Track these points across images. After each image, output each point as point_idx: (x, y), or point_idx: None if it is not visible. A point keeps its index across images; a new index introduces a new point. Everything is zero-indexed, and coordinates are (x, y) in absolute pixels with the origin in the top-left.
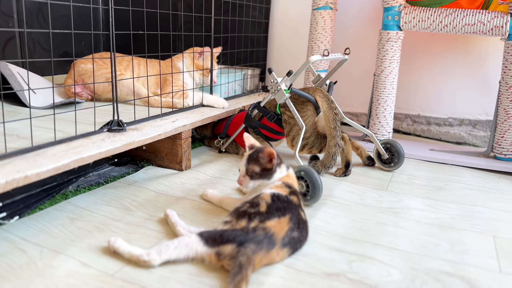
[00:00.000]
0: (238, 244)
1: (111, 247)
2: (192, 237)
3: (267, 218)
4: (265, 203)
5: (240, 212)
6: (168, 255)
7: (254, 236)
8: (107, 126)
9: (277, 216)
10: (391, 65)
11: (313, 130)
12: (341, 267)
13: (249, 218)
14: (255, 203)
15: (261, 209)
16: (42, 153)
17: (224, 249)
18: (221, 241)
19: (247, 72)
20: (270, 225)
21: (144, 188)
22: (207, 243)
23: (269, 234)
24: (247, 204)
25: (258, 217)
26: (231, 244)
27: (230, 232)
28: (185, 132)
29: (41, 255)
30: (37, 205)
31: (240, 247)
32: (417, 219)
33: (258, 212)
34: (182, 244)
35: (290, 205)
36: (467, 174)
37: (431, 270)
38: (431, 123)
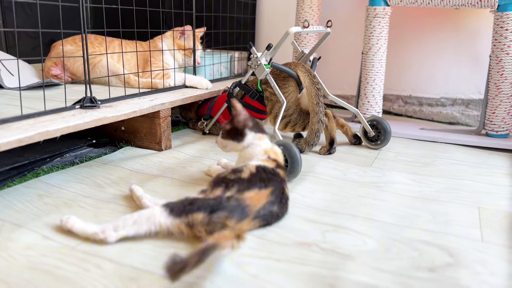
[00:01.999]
0: (210, 212)
1: (64, 226)
2: (155, 209)
3: (246, 188)
4: (249, 171)
5: (218, 179)
6: (126, 231)
7: (226, 205)
8: (79, 103)
9: (258, 187)
10: (379, 42)
11: (295, 107)
12: (314, 237)
13: (226, 186)
14: (238, 169)
15: (243, 175)
16: (7, 126)
17: (195, 217)
18: (190, 209)
19: (234, 55)
20: (247, 196)
21: (119, 167)
22: (172, 212)
23: (243, 205)
24: (230, 170)
25: (236, 185)
26: (202, 212)
27: (201, 200)
28: (164, 111)
29: (1, 229)
30: (5, 182)
31: (211, 215)
32: (399, 192)
33: (239, 179)
34: (143, 217)
35: (275, 177)
36: (457, 151)
37: (409, 239)
38: (423, 103)
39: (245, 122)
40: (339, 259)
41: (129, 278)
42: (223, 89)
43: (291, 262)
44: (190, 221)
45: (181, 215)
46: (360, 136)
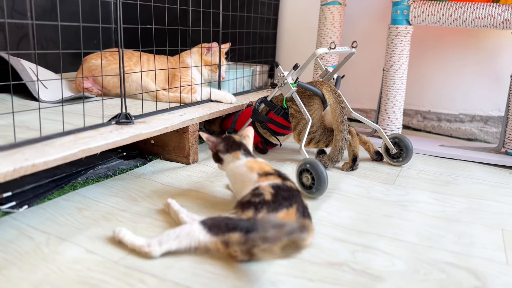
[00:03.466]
0: (245, 232)
1: (116, 237)
2: (194, 225)
3: (275, 209)
4: (268, 192)
5: (244, 203)
6: (169, 245)
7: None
8: (115, 119)
9: (285, 207)
10: (400, 60)
11: (320, 124)
12: (344, 257)
13: (255, 208)
14: (257, 193)
15: (266, 197)
16: (51, 143)
17: (231, 237)
18: (227, 229)
19: (255, 69)
20: (281, 215)
21: (151, 180)
22: (210, 230)
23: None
24: (249, 195)
25: (265, 207)
26: (238, 232)
27: (236, 220)
28: (192, 126)
29: (48, 242)
30: (46, 195)
31: (247, 235)
32: (423, 212)
33: (264, 201)
34: (184, 233)
35: (292, 192)
36: (477, 170)
37: (436, 261)
38: (441, 119)
39: (216, 147)
40: (370, 280)
41: None
42: (246, 103)
43: (323, 282)
44: (226, 240)
45: (218, 233)
46: (381, 153)
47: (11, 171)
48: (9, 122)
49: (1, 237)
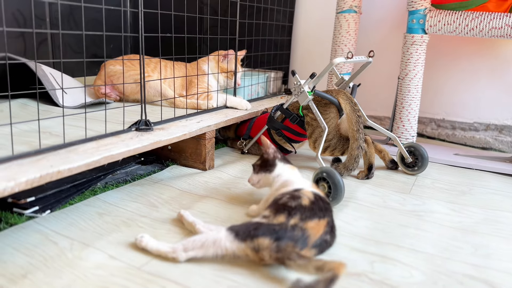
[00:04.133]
0: (276, 239)
1: (139, 244)
2: (220, 233)
3: (308, 217)
4: (308, 198)
5: (279, 206)
6: (194, 252)
7: (292, 234)
8: (135, 126)
9: (318, 217)
10: (416, 68)
11: (335, 132)
12: (363, 267)
13: (288, 213)
14: (296, 195)
15: (303, 202)
16: (74, 149)
17: (260, 242)
18: (255, 234)
19: (270, 75)
20: (309, 226)
21: (169, 186)
22: (237, 237)
23: (306, 235)
24: (287, 195)
25: (299, 213)
26: (268, 238)
27: (266, 226)
28: (209, 133)
29: (71, 247)
30: (67, 200)
31: (277, 242)
32: (440, 222)
33: (300, 206)
34: (210, 241)
35: (329, 207)
36: (492, 179)
37: (454, 272)
38: (456, 127)
39: (275, 154)
40: None
41: None
42: (261, 110)
43: None
44: (255, 246)
45: (246, 239)
46: (397, 162)
47: (37, 177)
48: (31, 128)
49: (26, 241)
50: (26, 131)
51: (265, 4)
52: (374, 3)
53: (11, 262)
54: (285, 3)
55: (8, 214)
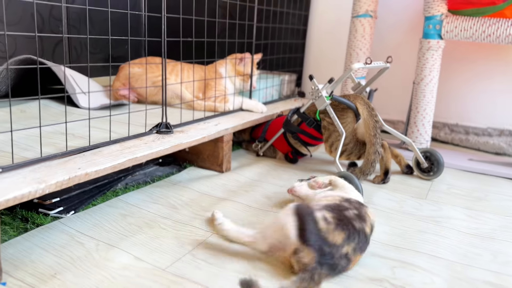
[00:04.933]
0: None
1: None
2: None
3: (360, 249)
4: (370, 225)
5: (343, 219)
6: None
7: (337, 263)
8: (156, 128)
9: (363, 251)
10: (431, 73)
11: (352, 136)
12: (384, 273)
13: (348, 236)
14: (362, 216)
15: (367, 229)
16: (99, 152)
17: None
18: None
19: (284, 78)
20: (356, 259)
21: (188, 188)
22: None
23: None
24: (354, 210)
25: (356, 241)
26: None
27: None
28: (227, 135)
29: (97, 248)
30: (90, 201)
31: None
32: (457, 228)
33: (362, 232)
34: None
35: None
36: (507, 185)
37: (474, 279)
38: (469, 132)
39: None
40: None
41: None
42: (277, 113)
43: None
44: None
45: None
46: (412, 166)
47: (66, 179)
48: (55, 129)
49: (53, 241)
50: (50, 133)
51: (281, 8)
52: (389, 8)
53: (40, 262)
54: (300, 7)
55: (34, 215)
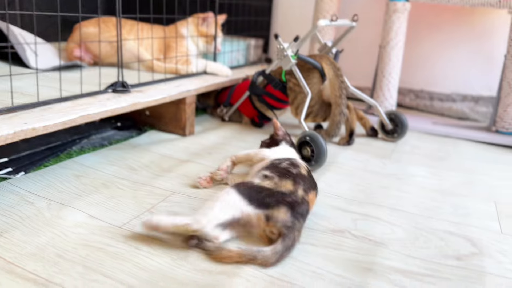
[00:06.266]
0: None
1: (148, 225)
2: (231, 194)
3: (308, 189)
4: (304, 169)
5: (281, 170)
6: (217, 219)
7: (302, 210)
8: (112, 87)
9: (313, 190)
10: (397, 37)
11: (318, 98)
12: (346, 224)
13: (294, 181)
14: (295, 163)
15: (302, 172)
16: (48, 108)
17: (275, 213)
18: (269, 203)
19: (250, 42)
20: (310, 199)
21: (148, 151)
22: (251, 202)
23: (308, 209)
24: (286, 161)
25: (302, 183)
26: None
27: (279, 194)
28: (189, 98)
29: (49, 207)
30: (42, 162)
31: (294, 219)
32: (420, 184)
33: (300, 175)
34: (225, 204)
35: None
36: (469, 147)
37: (434, 229)
38: (434, 98)
39: (284, 136)
40: (372, 246)
41: (179, 257)
42: (242, 77)
43: (327, 247)
44: (269, 215)
45: (261, 207)
46: (377, 129)
47: (11, 134)
48: (2, 88)
49: (0, 202)
50: None
51: None
52: None
53: None
54: None
55: None
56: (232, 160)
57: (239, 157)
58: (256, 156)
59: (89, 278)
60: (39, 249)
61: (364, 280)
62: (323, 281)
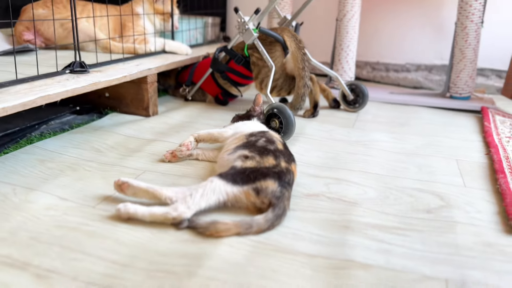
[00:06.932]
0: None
1: (124, 213)
2: (214, 182)
3: (289, 160)
4: (280, 142)
5: (260, 148)
6: (198, 205)
7: (289, 179)
8: (69, 68)
9: (293, 162)
10: (353, 9)
11: (281, 71)
12: (319, 189)
13: (274, 155)
14: (270, 139)
15: (279, 146)
16: (5, 91)
17: (263, 184)
18: (256, 177)
19: (207, 21)
20: (294, 168)
21: (113, 132)
22: (236, 183)
23: (293, 179)
24: (262, 138)
25: (282, 156)
26: (272, 180)
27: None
28: (151, 76)
29: (15, 192)
30: (1, 149)
31: (282, 188)
32: (384, 149)
33: (278, 150)
34: (208, 190)
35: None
36: (426, 112)
37: (403, 187)
38: (389, 69)
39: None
40: (346, 206)
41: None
42: (203, 55)
43: (304, 211)
44: (258, 187)
45: (248, 182)
46: (338, 100)
47: None
48: None
49: None
50: None
51: None
52: None
53: None
54: None
55: None
56: (194, 137)
57: (201, 135)
58: (221, 136)
59: (67, 257)
60: (10, 234)
61: (342, 237)
62: (303, 241)
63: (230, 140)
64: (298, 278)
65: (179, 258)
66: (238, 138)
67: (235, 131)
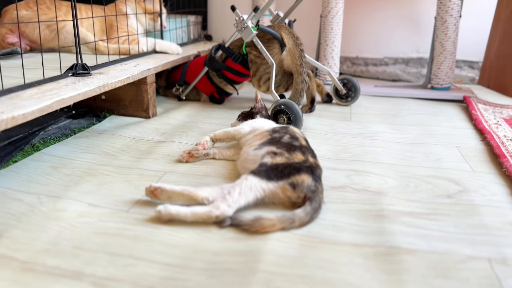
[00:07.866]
0: (313, 177)
1: (165, 215)
2: (249, 179)
3: (314, 155)
4: (303, 139)
5: (286, 144)
6: (238, 203)
7: (319, 172)
8: (71, 70)
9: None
10: (337, 5)
11: (279, 68)
12: (343, 180)
13: (301, 151)
14: (293, 136)
15: (303, 142)
16: (15, 96)
17: (298, 179)
18: (290, 172)
19: (190, 19)
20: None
21: (118, 135)
22: (270, 179)
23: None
24: (286, 135)
25: (307, 152)
26: (306, 174)
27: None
28: (150, 77)
29: (41, 201)
30: (9, 157)
31: (315, 182)
32: (388, 139)
33: (303, 146)
34: (244, 187)
35: None
36: (412, 104)
37: (418, 175)
38: (368, 64)
39: (260, 109)
40: (372, 196)
41: (202, 230)
42: (194, 54)
43: (335, 203)
44: (294, 182)
45: (283, 178)
46: (331, 95)
47: None
48: None
49: None
50: None
51: None
52: None
53: None
54: None
55: None
56: (210, 137)
57: (217, 134)
58: (238, 133)
59: (119, 263)
60: (51, 244)
61: (380, 226)
62: (344, 232)
63: (250, 136)
64: (354, 267)
65: (234, 255)
66: (260, 134)
67: (252, 128)
